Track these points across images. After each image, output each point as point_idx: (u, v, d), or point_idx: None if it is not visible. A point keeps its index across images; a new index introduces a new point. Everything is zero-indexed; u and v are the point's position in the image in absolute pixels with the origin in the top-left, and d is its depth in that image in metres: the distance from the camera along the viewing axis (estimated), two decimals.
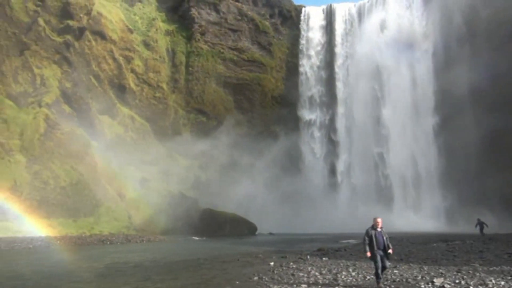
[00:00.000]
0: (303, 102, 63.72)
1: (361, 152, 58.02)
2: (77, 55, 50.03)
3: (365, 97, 58.35)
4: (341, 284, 13.83)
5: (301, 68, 64.79)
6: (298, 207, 51.20)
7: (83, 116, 47.63)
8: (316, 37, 65.75)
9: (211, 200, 48.85)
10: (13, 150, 39.51)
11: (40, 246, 30.72)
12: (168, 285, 15.61)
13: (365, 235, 12.90)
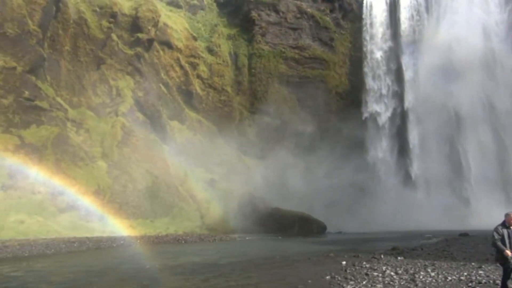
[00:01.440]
0: (369, 97, 61.68)
1: (434, 147, 54.94)
2: (147, 66, 53.10)
3: (436, 90, 55.16)
4: (419, 285, 13.23)
5: (366, 62, 62.79)
6: (367, 205, 49.79)
7: (155, 122, 50.45)
8: (380, 28, 63.37)
9: (278, 199, 49.17)
10: (95, 157, 42.97)
11: (122, 245, 33.05)
12: (242, 283, 16.03)
13: (495, 233, 10.58)
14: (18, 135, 37.97)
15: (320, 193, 50.50)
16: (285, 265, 20.62)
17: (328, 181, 51.76)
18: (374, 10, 64.09)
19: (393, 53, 61.78)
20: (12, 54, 39.61)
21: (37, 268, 21.23)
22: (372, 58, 62.65)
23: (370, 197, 50.74)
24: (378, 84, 61.73)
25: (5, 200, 33.53)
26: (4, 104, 37.88)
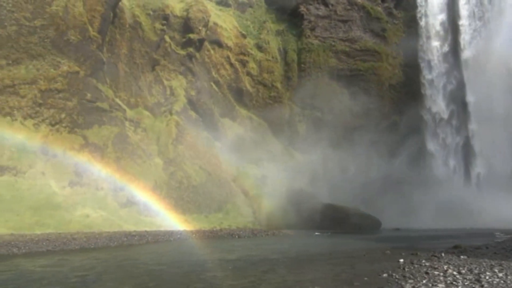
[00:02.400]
0: (426, 89, 58.88)
1: (496, 141, 51.43)
2: (199, 65, 54.48)
3: (501, 82, 51.44)
4: (485, 286, 12.52)
5: (422, 52, 59.96)
6: (426, 202, 47.70)
7: (207, 120, 51.72)
8: (437, 15, 60.18)
9: (331, 195, 48.59)
10: (152, 155, 44.91)
11: (179, 239, 34.31)
12: (296, 279, 16.08)
13: None
14: (82, 135, 40.55)
15: (374, 188, 49.20)
16: (339, 261, 20.37)
17: (383, 176, 50.30)
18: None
19: (452, 42, 58.47)
20: (75, 60, 42.31)
21: (103, 259, 22.65)
22: (428, 47, 59.75)
23: (429, 193, 48.56)
24: (435, 75, 58.79)
25: (72, 196, 36.03)
26: (69, 106, 40.60)
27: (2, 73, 37.77)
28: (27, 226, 30.52)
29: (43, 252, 25.35)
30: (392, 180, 49.56)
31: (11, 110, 37.29)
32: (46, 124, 38.56)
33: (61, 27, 41.94)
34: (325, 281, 15.31)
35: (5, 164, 34.36)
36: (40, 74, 39.55)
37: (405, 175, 50.26)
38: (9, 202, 31.86)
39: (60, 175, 36.51)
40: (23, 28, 39.79)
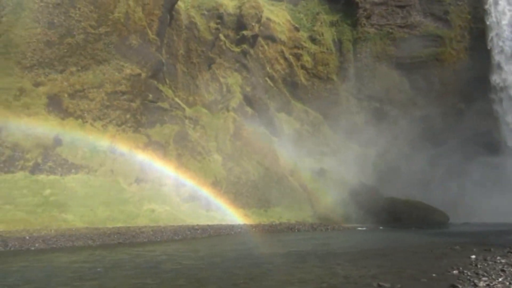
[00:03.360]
0: (495, 73, 54.62)
1: None
2: (253, 61, 54.92)
3: None
4: None
5: (491, 34, 55.64)
6: (497, 194, 44.38)
7: (263, 116, 52.06)
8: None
9: (391, 188, 46.93)
10: (211, 151, 46.14)
11: (239, 232, 35.05)
12: (359, 273, 15.78)
13: None
14: (146, 134, 42.62)
15: (440, 181, 46.74)
16: (404, 256, 19.69)
17: (449, 168, 47.58)
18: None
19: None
20: (137, 63, 44.46)
21: (169, 251, 23.77)
22: (497, 28, 55.31)
23: (502, 184, 45.12)
24: (506, 58, 54.31)
25: (139, 192, 38.07)
26: (133, 107, 42.83)
27: (73, 79, 40.69)
28: (100, 221, 32.77)
29: (114, 244, 27.13)
30: (461, 172, 46.77)
31: (82, 113, 40.09)
32: (113, 124, 41.01)
33: (123, 33, 44.26)
34: (389, 276, 14.87)
35: (78, 163, 37.09)
36: (106, 78, 42.08)
37: (478, 167, 47.11)
38: (83, 198, 34.39)
39: (127, 172, 38.70)
40: (89, 36, 42.53)
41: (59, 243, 25.93)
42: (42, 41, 40.14)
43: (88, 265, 18.92)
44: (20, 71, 38.49)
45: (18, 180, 33.34)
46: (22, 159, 34.74)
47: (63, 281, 15.53)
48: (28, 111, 37.04)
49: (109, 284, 14.89)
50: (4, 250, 23.43)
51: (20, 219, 29.66)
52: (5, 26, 39.48)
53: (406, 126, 52.16)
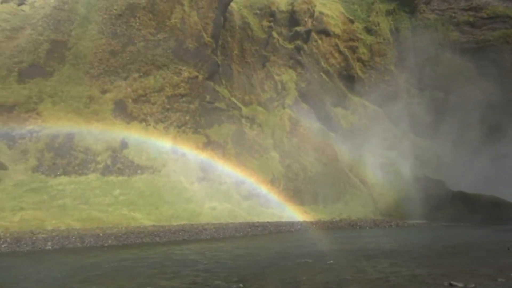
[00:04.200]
0: None
1: None
2: (307, 57, 54.39)
3: None
4: None
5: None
6: None
7: (319, 111, 51.43)
8: None
9: (459, 182, 44.22)
10: (268, 149, 46.47)
11: (299, 229, 34.98)
12: (427, 272, 15.10)
13: None
14: (205, 134, 43.89)
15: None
16: (477, 255, 18.52)
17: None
18: None
19: None
20: (194, 65, 45.91)
21: (232, 248, 24.33)
22: None
23: None
24: None
25: (200, 190, 39.34)
26: (192, 108, 44.30)
27: (136, 85, 42.93)
28: (165, 218, 34.30)
29: (180, 241, 28.27)
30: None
31: (145, 116, 42.19)
32: (174, 126, 42.72)
33: (180, 37, 45.90)
34: (462, 275, 14.07)
35: (144, 164, 39.11)
36: (166, 82, 43.90)
37: None
38: (149, 197, 36.20)
39: (189, 171, 40.12)
40: (149, 43, 44.61)
41: (129, 240, 27.53)
42: (107, 50, 42.81)
43: (161, 260, 19.87)
44: (88, 80, 41.35)
45: (91, 182, 35.85)
46: (93, 162, 37.32)
47: (152, 274, 16.49)
48: (97, 117, 39.68)
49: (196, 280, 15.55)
50: (82, 247, 25.34)
51: (94, 217, 31.89)
52: (74, 39, 42.61)
53: (474, 116, 48.85)
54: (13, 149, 35.16)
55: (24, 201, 31.28)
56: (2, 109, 36.65)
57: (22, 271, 17.96)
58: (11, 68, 39.15)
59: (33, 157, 35.25)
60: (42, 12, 43.21)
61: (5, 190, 32.05)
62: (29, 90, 38.37)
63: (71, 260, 20.57)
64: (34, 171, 34.70)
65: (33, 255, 22.21)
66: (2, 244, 24.21)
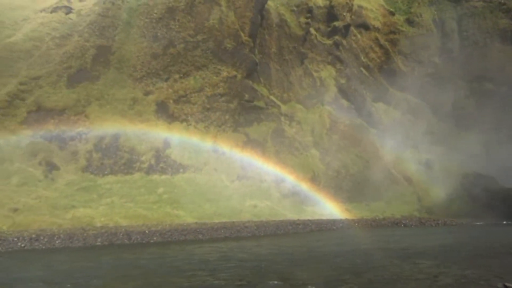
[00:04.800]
0: None
1: None
2: (346, 52, 53.37)
3: None
4: None
5: None
6: None
7: (359, 107, 50.34)
8: None
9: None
10: (308, 146, 46.08)
11: (341, 227, 34.46)
12: (478, 273, 14.42)
13: None
14: (244, 133, 44.21)
15: None
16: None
17: None
18: None
19: None
20: (232, 65, 46.33)
21: (273, 246, 24.37)
22: None
23: None
24: None
25: (241, 188, 39.70)
26: (231, 108, 44.76)
27: (176, 86, 43.97)
28: (207, 216, 34.92)
29: (222, 238, 28.70)
30: None
31: (186, 117, 43.11)
32: (214, 125, 43.36)
33: (218, 38, 46.48)
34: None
35: (186, 163, 40.00)
36: (205, 82, 44.64)
37: None
38: (192, 195, 36.98)
39: (229, 170, 40.60)
40: (189, 45, 45.51)
41: (173, 236, 28.29)
42: (148, 53, 44.15)
43: (210, 256, 20.27)
44: (132, 82, 42.83)
45: (136, 180, 37.15)
46: (138, 161, 38.64)
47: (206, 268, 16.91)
48: (140, 118, 41.03)
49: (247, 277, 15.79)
50: (129, 243, 26.33)
51: (140, 215, 33.04)
52: (118, 43, 44.27)
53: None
54: (65, 151, 37.11)
55: (75, 199, 32.94)
56: (53, 113, 38.75)
57: (73, 265, 18.93)
58: (61, 73, 41.28)
59: (83, 158, 37.02)
60: (88, 19, 45.24)
61: (58, 189, 33.89)
62: (77, 94, 40.31)
63: (119, 256, 21.41)
64: (84, 171, 36.43)
65: (85, 251, 23.34)
66: (56, 240, 25.63)
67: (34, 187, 33.13)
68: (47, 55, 42.37)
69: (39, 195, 32.43)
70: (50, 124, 38.02)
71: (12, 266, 18.98)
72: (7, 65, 40.79)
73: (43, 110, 38.60)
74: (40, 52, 42.56)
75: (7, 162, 33.99)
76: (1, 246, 23.77)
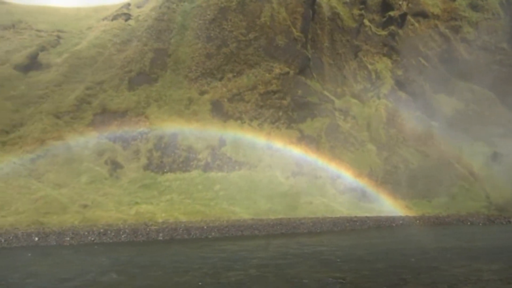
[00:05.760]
0: None
1: None
2: (403, 42, 51.18)
3: None
4: None
5: None
6: None
7: (418, 99, 48.07)
8: None
9: None
10: (364, 141, 44.83)
11: (401, 225, 33.21)
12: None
13: None
14: (298, 129, 43.97)
15: None
16: None
17: None
18: None
19: None
20: (284, 61, 46.23)
21: (331, 242, 24.05)
22: None
23: None
24: None
25: (296, 185, 39.54)
26: (284, 104, 44.71)
27: (230, 84, 44.73)
28: (263, 212, 35.21)
29: (278, 234, 28.84)
30: None
31: (240, 114, 43.72)
32: (267, 122, 43.58)
33: (270, 35, 46.60)
34: None
35: (241, 160, 40.59)
36: (258, 80, 44.97)
37: None
38: (247, 191, 37.48)
39: (284, 166, 40.59)
40: (241, 43, 46.09)
41: (230, 232, 28.90)
42: (203, 54, 45.33)
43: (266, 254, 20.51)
44: (188, 83, 44.22)
45: (194, 178, 38.33)
46: (195, 159, 39.84)
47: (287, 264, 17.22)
48: (196, 117, 42.26)
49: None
50: (188, 238, 27.29)
51: (198, 211, 34.08)
52: (173, 46, 45.91)
53: None
54: (127, 150, 39.19)
55: (138, 196, 34.72)
56: (116, 115, 41.06)
57: (138, 259, 19.97)
58: (122, 77, 43.61)
59: (144, 156, 38.88)
60: (145, 24, 47.37)
61: (122, 186, 35.90)
62: (138, 96, 42.36)
63: (181, 250, 22.26)
64: (145, 169, 38.24)
65: (148, 245, 24.55)
66: (122, 234, 27.20)
67: (101, 185, 35.35)
68: (109, 60, 44.97)
69: (106, 192, 34.56)
70: (114, 125, 40.32)
71: (85, 258, 20.43)
72: (74, 71, 43.85)
73: (107, 112, 41.02)
74: (103, 58, 45.26)
75: (77, 162, 36.56)
76: (74, 239, 25.68)
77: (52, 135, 37.63)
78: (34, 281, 15.49)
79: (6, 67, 43.07)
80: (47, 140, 36.98)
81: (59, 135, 37.93)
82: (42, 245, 24.37)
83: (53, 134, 37.85)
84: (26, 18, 50.76)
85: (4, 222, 28.19)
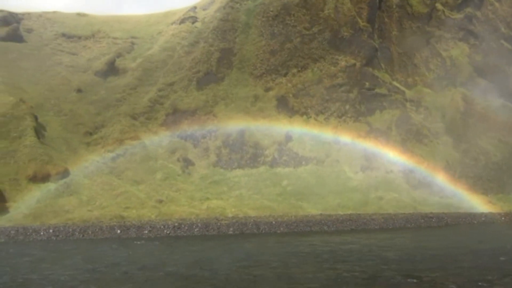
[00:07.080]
0: None
1: None
2: (482, 24, 47.30)
3: None
4: None
5: None
6: None
7: (501, 85, 44.14)
8: None
9: None
10: (438, 133, 42.22)
11: (483, 222, 30.88)
12: None
13: None
14: (366, 122, 42.61)
15: None
16: None
17: None
18: None
19: None
20: (350, 53, 45.01)
21: (405, 240, 23.04)
22: None
23: None
24: None
25: (365, 180, 38.39)
26: (351, 97, 43.56)
27: (295, 79, 44.57)
28: (332, 208, 34.70)
29: (348, 230, 28.24)
30: None
31: (306, 109, 43.41)
32: (334, 116, 42.78)
33: (334, 27, 45.63)
34: None
35: (308, 155, 40.33)
36: (323, 74, 44.29)
37: None
38: (315, 187, 37.14)
39: (352, 161, 39.60)
40: (305, 38, 45.67)
41: (299, 228, 28.87)
42: (267, 51, 45.66)
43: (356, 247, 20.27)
44: (253, 80, 44.84)
45: (261, 173, 38.84)
46: (262, 155, 40.34)
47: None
48: (262, 113, 42.72)
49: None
50: (258, 233, 27.73)
51: (266, 206, 34.50)
52: (238, 45, 46.79)
53: None
54: (198, 148, 40.77)
55: (209, 192, 36.01)
56: (186, 114, 42.87)
57: (208, 252, 20.71)
58: (191, 78, 45.40)
59: (213, 154, 40.19)
60: (211, 25, 48.82)
61: (193, 182, 37.45)
62: (206, 96, 43.84)
63: (252, 245, 22.70)
64: (215, 166, 39.51)
65: (219, 239, 25.38)
66: (195, 228, 28.41)
67: (174, 181, 37.18)
68: (178, 62, 47.07)
69: (179, 188, 36.29)
70: (184, 124, 42.14)
71: (162, 250, 21.68)
72: (147, 74, 46.54)
73: (178, 112, 42.98)
74: (173, 60, 47.49)
75: (152, 160, 38.80)
76: (152, 232, 27.34)
77: (129, 135, 40.31)
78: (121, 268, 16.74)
79: (88, 74, 47.00)
80: (125, 140, 39.67)
81: (135, 135, 40.52)
82: (123, 237, 26.26)
83: (130, 134, 40.52)
84: (103, 27, 54.91)
85: (91, 215, 30.82)
